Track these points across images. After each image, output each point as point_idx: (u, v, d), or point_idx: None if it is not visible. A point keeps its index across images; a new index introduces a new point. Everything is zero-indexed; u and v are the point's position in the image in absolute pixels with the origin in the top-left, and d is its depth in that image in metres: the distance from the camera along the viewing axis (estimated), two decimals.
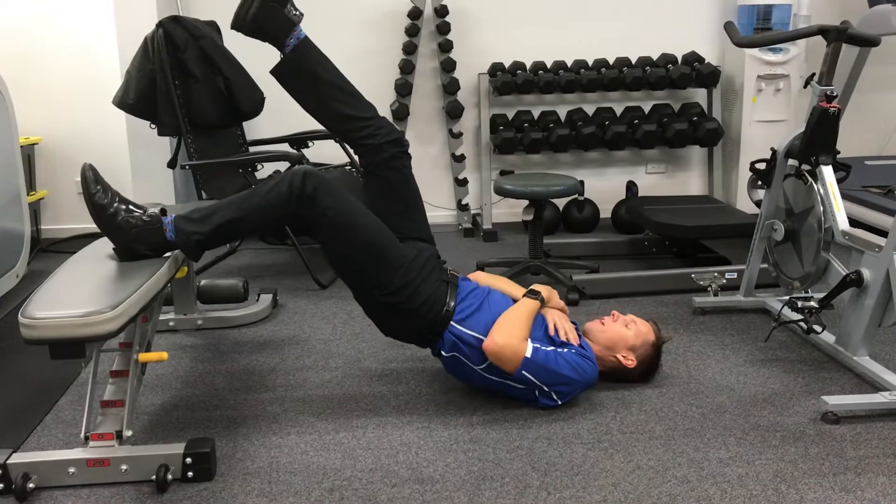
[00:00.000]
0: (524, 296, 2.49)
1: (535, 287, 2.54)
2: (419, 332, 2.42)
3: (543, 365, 2.30)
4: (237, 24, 2.39)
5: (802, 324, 2.63)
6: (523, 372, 2.29)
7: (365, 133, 2.48)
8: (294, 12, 2.40)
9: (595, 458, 2.11)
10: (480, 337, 2.33)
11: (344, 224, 2.28)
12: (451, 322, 2.36)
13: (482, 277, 2.69)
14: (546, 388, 2.33)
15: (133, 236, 2.18)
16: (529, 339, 2.33)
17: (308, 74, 2.45)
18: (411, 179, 2.56)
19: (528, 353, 2.28)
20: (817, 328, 2.60)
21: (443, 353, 2.39)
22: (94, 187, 2.16)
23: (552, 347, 2.36)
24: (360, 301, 2.42)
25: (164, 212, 2.24)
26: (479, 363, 2.35)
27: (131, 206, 2.20)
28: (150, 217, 2.20)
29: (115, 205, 2.18)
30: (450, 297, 2.39)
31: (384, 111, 4.63)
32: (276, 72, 2.47)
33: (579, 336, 2.50)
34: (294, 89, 2.51)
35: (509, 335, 2.29)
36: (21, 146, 3.85)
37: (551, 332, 2.45)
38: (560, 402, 2.37)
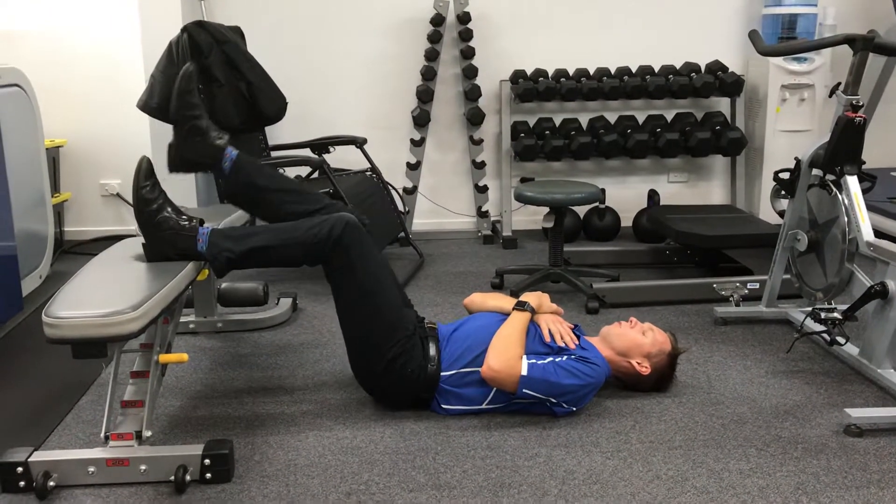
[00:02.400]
0: (513, 309, 2.49)
1: (524, 297, 2.53)
2: (414, 394, 2.41)
3: (543, 379, 2.28)
4: (173, 168, 2.48)
5: (825, 335, 2.61)
6: (525, 390, 2.28)
7: None
8: (218, 137, 2.46)
9: (614, 467, 2.10)
10: (478, 370, 2.33)
11: (365, 280, 2.32)
12: (442, 373, 2.36)
13: (475, 299, 2.70)
14: (554, 400, 2.32)
15: (166, 237, 2.22)
16: (525, 356, 2.32)
17: (252, 188, 2.51)
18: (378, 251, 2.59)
19: (525, 371, 2.27)
20: (840, 340, 2.57)
21: (444, 406, 2.39)
22: (144, 181, 2.22)
23: (549, 359, 2.34)
24: (357, 365, 2.43)
25: (202, 222, 2.28)
26: (482, 401, 2.37)
27: (175, 210, 2.25)
28: (188, 223, 2.24)
29: (159, 202, 2.23)
30: (432, 351, 2.39)
31: (405, 118, 4.65)
32: (224, 196, 2.57)
33: (579, 336, 2.48)
34: (246, 205, 2.65)
35: (503, 357, 2.29)
36: (46, 148, 3.90)
37: (546, 338, 2.44)
38: (574, 409, 2.36)
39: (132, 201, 2.23)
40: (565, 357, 2.36)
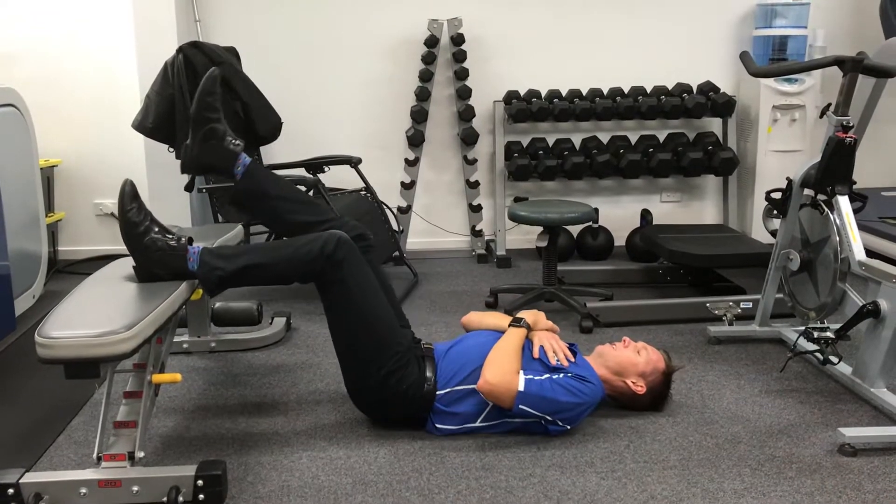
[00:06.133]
0: (509, 325, 2.49)
1: (519, 314, 2.54)
2: (409, 412, 2.41)
3: (539, 395, 2.28)
4: (186, 168, 2.52)
5: (818, 354, 2.61)
6: (521, 406, 2.27)
7: None
8: (234, 142, 2.47)
9: (608, 487, 2.09)
10: (472, 387, 2.33)
11: (357, 296, 2.32)
12: (437, 392, 2.36)
13: (473, 318, 2.69)
14: (549, 418, 2.31)
15: (155, 258, 2.21)
16: (522, 371, 2.31)
17: (262, 195, 2.53)
18: (380, 270, 2.59)
19: (521, 387, 2.26)
20: (833, 359, 2.58)
21: (438, 426, 2.38)
22: (129, 204, 2.21)
23: (546, 375, 2.34)
24: (350, 381, 2.42)
25: (191, 241, 2.27)
26: (476, 417, 2.36)
27: (162, 229, 2.24)
28: (177, 243, 2.23)
29: (147, 224, 2.22)
30: (428, 371, 2.39)
31: (400, 138, 4.68)
32: (232, 201, 2.57)
33: (575, 353, 2.48)
34: (253, 211, 2.64)
35: (500, 371, 2.28)
36: (41, 168, 3.90)
37: (535, 354, 2.42)
38: (569, 427, 2.35)
39: (119, 225, 2.21)
40: (562, 375, 2.35)
